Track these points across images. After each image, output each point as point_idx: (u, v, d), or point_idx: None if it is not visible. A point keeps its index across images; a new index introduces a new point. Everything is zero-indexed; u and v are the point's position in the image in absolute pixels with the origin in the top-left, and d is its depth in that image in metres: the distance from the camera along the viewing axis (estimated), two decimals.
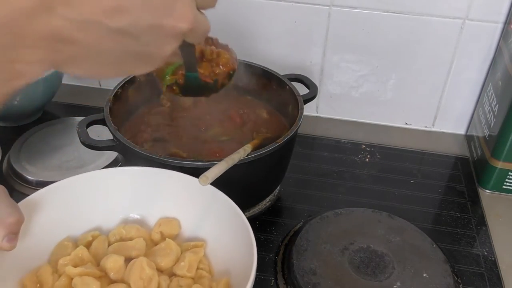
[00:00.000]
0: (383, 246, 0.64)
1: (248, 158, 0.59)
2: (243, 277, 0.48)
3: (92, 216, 0.58)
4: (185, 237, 0.59)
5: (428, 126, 0.94)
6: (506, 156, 0.75)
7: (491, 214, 0.75)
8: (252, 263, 0.47)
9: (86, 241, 0.56)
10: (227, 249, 0.55)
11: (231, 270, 0.53)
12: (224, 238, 0.55)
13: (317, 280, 0.59)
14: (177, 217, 0.59)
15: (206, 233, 0.58)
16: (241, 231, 0.52)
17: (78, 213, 0.57)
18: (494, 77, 0.81)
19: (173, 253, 0.55)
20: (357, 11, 0.83)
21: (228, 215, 0.54)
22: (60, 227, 0.56)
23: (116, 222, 0.59)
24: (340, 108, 0.94)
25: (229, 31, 0.89)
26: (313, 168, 0.82)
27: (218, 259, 0.56)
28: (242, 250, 0.51)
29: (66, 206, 0.56)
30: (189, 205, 0.59)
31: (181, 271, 0.53)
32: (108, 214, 0.59)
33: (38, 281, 0.52)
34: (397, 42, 0.85)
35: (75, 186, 0.57)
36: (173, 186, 0.58)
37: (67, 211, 0.56)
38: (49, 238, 0.55)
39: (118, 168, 0.61)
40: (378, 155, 0.86)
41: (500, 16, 0.79)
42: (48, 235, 0.55)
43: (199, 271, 0.54)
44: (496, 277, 0.65)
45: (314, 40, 0.87)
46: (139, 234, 0.57)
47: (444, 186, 0.81)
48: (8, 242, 0.46)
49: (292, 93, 0.72)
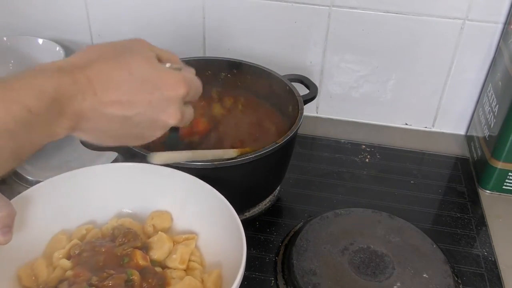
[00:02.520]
0: (383, 246, 0.64)
1: (248, 158, 0.59)
2: (234, 269, 0.49)
3: (86, 210, 0.59)
4: (177, 230, 0.60)
5: (428, 127, 0.94)
6: (506, 157, 0.75)
7: (491, 214, 0.75)
8: (242, 255, 0.49)
9: (80, 235, 0.57)
10: (218, 242, 0.56)
11: (222, 262, 0.55)
12: (215, 231, 0.57)
13: (317, 281, 0.59)
14: (169, 211, 0.60)
15: (198, 226, 0.59)
16: (231, 223, 0.53)
17: (72, 208, 0.58)
18: (494, 77, 0.81)
19: (166, 246, 0.56)
20: (357, 11, 0.83)
21: (218, 209, 0.55)
22: (55, 221, 0.57)
23: (110, 216, 0.60)
24: (340, 108, 0.94)
25: (229, 31, 0.89)
26: (313, 169, 0.82)
27: (210, 251, 0.57)
28: (232, 243, 0.52)
29: (61, 201, 0.57)
30: (180, 199, 0.60)
31: (173, 263, 0.55)
32: (102, 209, 0.60)
33: (34, 274, 0.53)
34: (397, 42, 0.85)
35: (69, 181, 0.58)
36: (164, 181, 0.59)
37: (62, 205, 0.57)
38: (44, 232, 0.56)
39: (111, 164, 0.62)
40: (378, 156, 0.86)
41: (500, 16, 0.79)
42: (43, 229, 0.56)
43: (191, 263, 0.56)
44: (496, 277, 0.65)
45: (314, 41, 0.87)
46: (132, 227, 0.58)
47: (444, 186, 0.80)
48: (2, 235, 0.47)
49: (292, 93, 0.72)
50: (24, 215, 0.54)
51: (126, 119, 0.43)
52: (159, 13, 0.89)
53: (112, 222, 0.59)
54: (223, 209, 0.54)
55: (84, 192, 0.59)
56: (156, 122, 0.45)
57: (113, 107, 0.42)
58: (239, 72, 0.78)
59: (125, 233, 0.55)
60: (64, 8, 0.93)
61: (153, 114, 0.44)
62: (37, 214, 0.55)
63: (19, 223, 0.51)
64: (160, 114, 0.45)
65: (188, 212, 0.60)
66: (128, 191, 0.60)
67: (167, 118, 0.45)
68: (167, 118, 0.45)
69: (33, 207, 0.55)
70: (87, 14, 0.92)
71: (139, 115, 0.43)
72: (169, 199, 0.60)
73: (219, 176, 0.59)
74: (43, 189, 0.56)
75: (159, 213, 0.60)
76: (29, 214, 0.54)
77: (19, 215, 0.50)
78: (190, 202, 0.59)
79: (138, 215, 0.61)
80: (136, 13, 0.90)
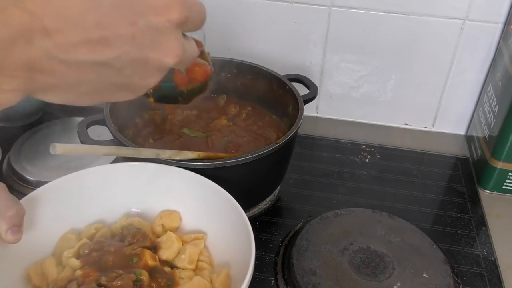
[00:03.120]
0: (383, 246, 0.64)
1: (248, 158, 0.59)
2: (242, 269, 0.49)
3: (95, 210, 0.59)
4: (186, 230, 0.60)
5: (428, 127, 0.94)
6: (506, 157, 0.75)
7: (491, 214, 0.75)
8: (251, 255, 0.48)
9: (89, 234, 0.57)
10: (226, 241, 0.56)
11: (231, 262, 0.55)
12: (223, 231, 0.57)
13: (317, 281, 0.59)
14: (178, 210, 0.60)
15: (206, 225, 0.59)
16: (239, 223, 0.53)
17: (81, 208, 0.58)
18: (494, 77, 0.81)
19: (175, 245, 0.56)
20: (357, 11, 0.83)
21: (226, 208, 0.55)
22: (64, 220, 0.57)
23: (119, 216, 0.60)
24: (340, 108, 0.94)
25: (229, 31, 0.89)
26: (313, 169, 0.82)
27: (218, 251, 0.57)
28: (240, 242, 0.52)
29: (70, 201, 0.57)
30: (188, 198, 0.60)
31: (182, 263, 0.55)
32: (111, 208, 0.60)
33: (43, 273, 0.53)
34: (397, 42, 0.85)
35: (78, 181, 0.58)
36: (173, 180, 0.59)
37: (71, 205, 0.57)
38: (53, 231, 0.56)
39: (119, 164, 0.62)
40: (378, 156, 0.86)
41: (500, 16, 0.79)
42: (52, 228, 0.56)
43: (199, 263, 0.55)
44: (496, 277, 0.65)
45: (314, 41, 0.87)
46: (141, 227, 0.58)
47: (444, 186, 0.80)
48: (12, 235, 0.47)
49: (292, 93, 0.72)
50: (33, 215, 0.54)
51: (102, 66, 0.30)
52: None
53: (121, 222, 0.59)
54: (231, 209, 0.54)
55: (93, 191, 0.59)
56: (146, 63, 0.32)
57: (79, 51, 0.28)
58: (239, 72, 0.78)
59: (134, 233, 0.55)
60: None
61: (140, 52, 0.31)
62: (46, 213, 0.55)
63: (29, 223, 0.51)
64: (150, 51, 0.31)
65: (197, 212, 0.59)
66: (136, 190, 0.60)
67: (162, 55, 0.32)
68: (162, 56, 0.32)
69: (42, 207, 0.55)
70: None
71: (121, 57, 0.30)
72: (177, 199, 0.60)
73: (219, 176, 0.59)
74: (52, 189, 0.56)
75: (167, 212, 0.60)
76: (38, 214, 0.54)
77: (28, 215, 0.50)
78: (198, 202, 0.59)
79: (147, 214, 0.61)
80: None
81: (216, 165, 0.59)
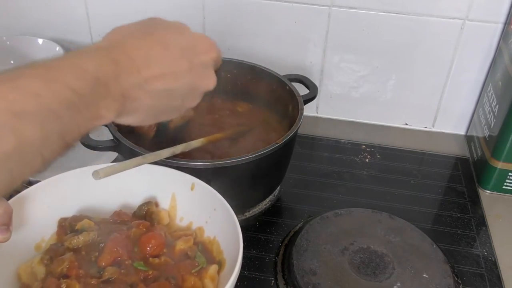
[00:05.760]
0: (383, 246, 0.64)
1: (248, 158, 0.59)
2: (231, 265, 0.50)
3: (85, 209, 0.60)
4: (175, 227, 0.61)
5: (428, 127, 0.94)
6: (506, 157, 0.75)
7: (491, 214, 0.75)
8: (239, 250, 0.49)
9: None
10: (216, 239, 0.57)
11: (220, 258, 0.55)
12: (211, 227, 0.57)
13: (317, 281, 0.59)
14: (167, 209, 0.61)
15: (196, 223, 0.60)
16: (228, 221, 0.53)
17: (72, 206, 0.59)
18: (494, 77, 0.81)
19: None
20: (357, 11, 0.83)
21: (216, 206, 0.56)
22: (54, 219, 0.58)
23: (109, 214, 0.60)
24: (340, 108, 0.94)
25: (229, 31, 0.89)
26: (313, 169, 0.82)
27: (207, 248, 0.58)
28: (229, 238, 0.53)
29: (60, 200, 0.58)
30: (179, 197, 0.60)
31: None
32: (101, 207, 0.60)
33: (33, 272, 0.53)
34: (397, 42, 0.85)
35: (69, 180, 0.58)
36: (163, 180, 0.60)
37: (61, 204, 0.58)
38: (44, 230, 0.57)
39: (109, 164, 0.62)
40: (378, 156, 0.86)
41: (500, 16, 0.79)
42: (42, 227, 0.56)
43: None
44: (496, 277, 0.65)
45: (314, 41, 0.87)
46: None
47: (444, 186, 0.80)
48: (0, 234, 0.47)
49: (292, 93, 0.72)
50: (24, 213, 0.54)
51: (171, 92, 0.43)
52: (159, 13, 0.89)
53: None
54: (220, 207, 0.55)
55: (83, 191, 0.59)
56: (196, 89, 0.46)
57: (158, 82, 0.41)
58: (239, 72, 0.78)
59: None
60: (64, 8, 0.93)
61: (194, 81, 0.45)
62: (36, 212, 0.55)
63: (19, 221, 0.52)
64: (200, 80, 0.46)
65: (187, 210, 0.60)
66: (127, 190, 0.61)
67: (207, 83, 0.47)
68: (207, 84, 0.47)
69: (33, 205, 0.55)
70: (87, 14, 0.92)
71: (182, 86, 0.44)
72: (167, 197, 0.61)
73: (219, 176, 0.59)
74: (42, 188, 0.56)
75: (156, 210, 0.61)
76: (29, 213, 0.55)
77: (19, 213, 0.50)
78: (188, 200, 0.59)
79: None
80: (136, 13, 0.89)
81: (216, 165, 0.59)
